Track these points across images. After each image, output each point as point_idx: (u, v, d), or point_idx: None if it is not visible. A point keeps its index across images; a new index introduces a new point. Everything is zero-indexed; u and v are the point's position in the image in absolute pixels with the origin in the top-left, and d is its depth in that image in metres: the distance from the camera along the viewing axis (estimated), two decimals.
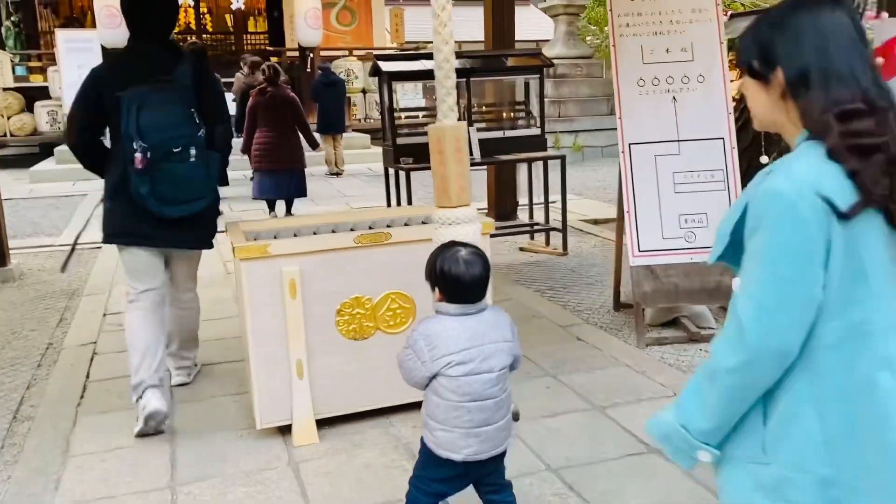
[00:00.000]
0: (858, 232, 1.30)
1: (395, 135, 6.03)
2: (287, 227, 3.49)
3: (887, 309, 1.35)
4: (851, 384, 1.34)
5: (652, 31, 4.38)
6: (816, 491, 1.35)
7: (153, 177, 3.04)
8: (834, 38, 1.35)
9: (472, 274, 2.12)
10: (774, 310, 1.30)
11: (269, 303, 3.04)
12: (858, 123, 1.30)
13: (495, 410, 2.15)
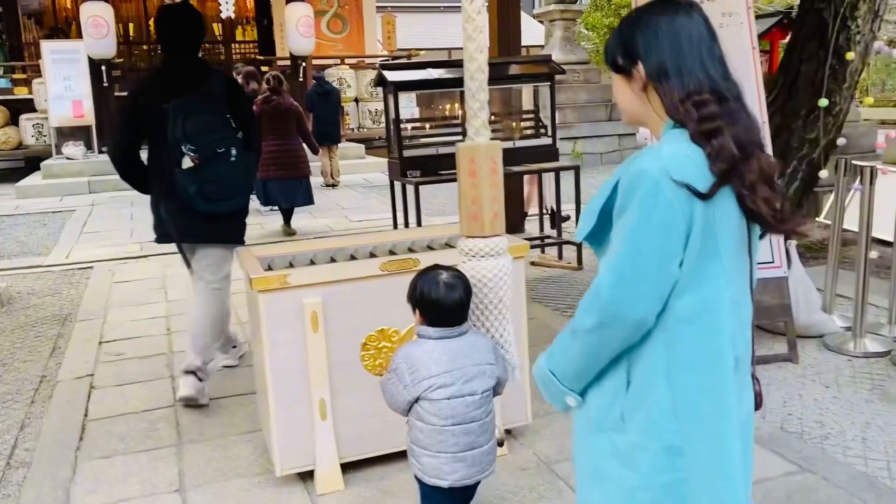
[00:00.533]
0: (717, 213, 1.41)
1: (402, 147, 5.77)
2: (302, 251, 3.22)
3: (734, 287, 1.47)
4: (700, 357, 1.45)
5: None
6: (663, 457, 1.46)
7: (200, 176, 3.36)
8: (687, 37, 1.48)
9: (452, 298, 2.15)
10: (630, 281, 1.41)
11: (288, 337, 2.77)
12: (708, 110, 1.43)
13: (479, 434, 2.16)
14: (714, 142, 1.42)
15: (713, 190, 1.40)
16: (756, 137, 1.47)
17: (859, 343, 4.10)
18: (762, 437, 3.12)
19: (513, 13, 6.94)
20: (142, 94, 3.61)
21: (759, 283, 3.91)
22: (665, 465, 1.47)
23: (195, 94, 3.40)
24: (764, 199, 1.43)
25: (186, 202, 3.41)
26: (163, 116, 3.33)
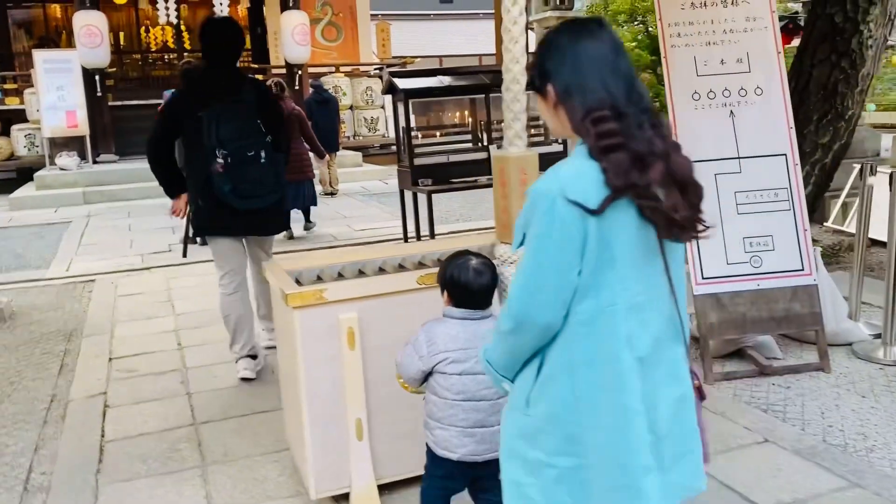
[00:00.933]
0: (611, 224, 1.51)
1: (413, 155, 5.68)
2: (329, 265, 3.12)
3: (631, 292, 1.57)
4: (598, 356, 1.57)
5: (705, 42, 4.09)
6: (564, 444, 1.61)
7: (233, 177, 3.69)
8: (589, 58, 1.58)
9: (480, 283, 2.24)
10: (534, 291, 1.56)
11: (324, 355, 2.66)
12: (604, 127, 1.52)
13: (490, 413, 2.20)
14: (610, 157, 1.51)
15: (604, 205, 1.49)
16: (659, 147, 1.54)
17: (889, 351, 4.04)
18: (805, 450, 3.05)
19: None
20: (180, 100, 3.99)
21: (789, 290, 3.88)
22: (566, 450, 1.62)
23: (228, 102, 3.73)
24: (654, 208, 1.52)
25: (223, 200, 3.72)
26: (199, 122, 3.66)
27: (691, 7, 4.10)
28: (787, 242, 3.95)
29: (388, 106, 15.63)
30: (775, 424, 3.32)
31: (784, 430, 3.26)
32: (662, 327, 1.64)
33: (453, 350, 2.21)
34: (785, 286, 3.93)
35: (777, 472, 2.90)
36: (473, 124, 6.06)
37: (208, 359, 4.51)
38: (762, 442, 3.15)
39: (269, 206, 3.87)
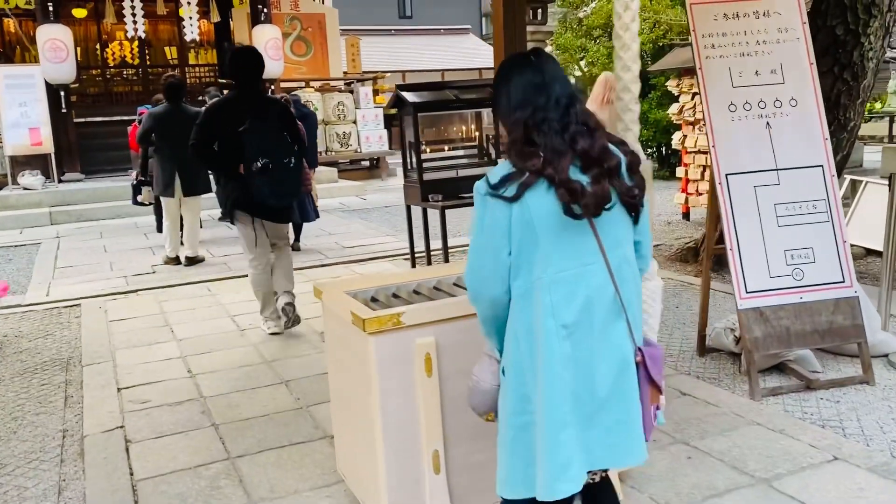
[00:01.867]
0: (532, 210, 1.83)
1: (423, 170, 5.54)
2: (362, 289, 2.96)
3: (554, 268, 1.85)
4: (531, 324, 1.87)
5: (739, 53, 4.05)
6: (519, 403, 1.92)
7: (272, 180, 4.59)
8: (515, 84, 1.93)
9: None
10: (475, 269, 1.94)
11: (400, 384, 2.49)
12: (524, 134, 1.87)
13: None
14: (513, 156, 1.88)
15: (519, 192, 1.83)
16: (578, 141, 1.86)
17: None
18: (879, 468, 2.98)
19: (519, 32, 6.79)
20: (219, 111, 4.79)
21: (831, 303, 3.84)
22: (520, 408, 1.92)
23: (265, 120, 4.62)
24: (565, 190, 1.81)
25: (259, 197, 4.65)
26: (237, 134, 4.51)
27: (724, 18, 4.07)
28: (827, 254, 3.92)
29: (360, 121, 15.46)
30: (840, 441, 3.25)
31: (850, 446, 3.19)
32: (594, 299, 1.87)
33: None
34: (827, 298, 3.89)
35: (860, 493, 2.81)
36: (479, 138, 5.95)
37: (224, 387, 4.28)
38: (832, 460, 3.07)
39: (293, 203, 5.14)
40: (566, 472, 1.85)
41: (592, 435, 1.87)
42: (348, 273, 7.20)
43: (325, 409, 3.88)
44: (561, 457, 1.84)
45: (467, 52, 31.52)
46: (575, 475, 1.86)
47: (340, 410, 2.93)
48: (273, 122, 4.66)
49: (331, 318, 2.83)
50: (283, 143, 4.65)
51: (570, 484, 1.85)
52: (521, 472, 1.92)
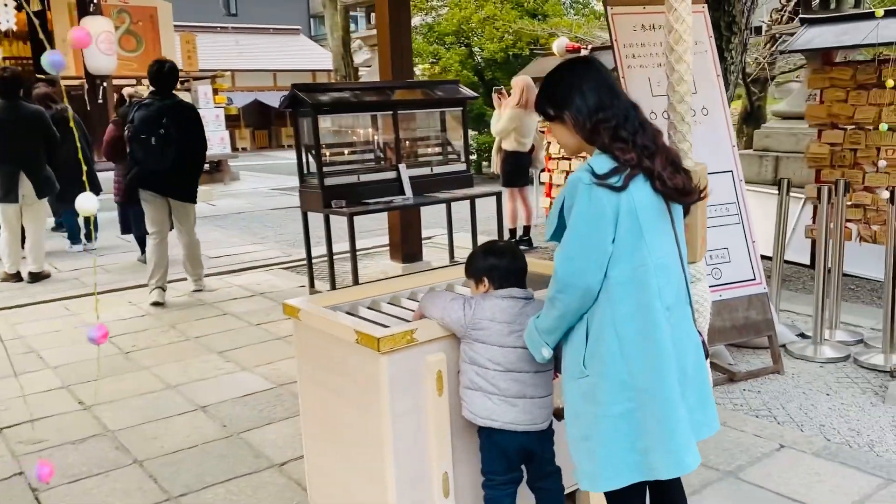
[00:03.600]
0: (636, 199, 1.91)
1: (324, 175, 5.29)
2: (346, 301, 2.78)
3: (656, 254, 1.95)
4: (636, 309, 1.92)
5: (656, 63, 4.23)
6: (617, 391, 1.93)
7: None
8: (591, 84, 2.01)
9: (519, 264, 2.39)
10: (575, 258, 1.93)
11: (411, 404, 2.32)
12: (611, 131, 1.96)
13: (531, 384, 2.26)
14: (617, 150, 1.94)
15: (626, 182, 1.90)
16: (656, 139, 2.01)
17: (819, 350, 4.43)
18: (824, 453, 3.20)
19: (404, 39, 6.72)
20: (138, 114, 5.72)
21: (745, 299, 4.11)
22: (618, 396, 1.93)
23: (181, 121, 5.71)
24: (666, 182, 1.95)
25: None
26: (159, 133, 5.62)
27: (642, 29, 4.24)
28: (740, 254, 4.19)
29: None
30: (779, 429, 3.47)
31: (790, 434, 3.42)
32: (679, 285, 2.03)
33: (499, 322, 2.24)
34: (742, 295, 4.16)
35: (818, 478, 3.01)
36: (379, 142, 5.79)
37: (131, 418, 3.83)
38: (780, 448, 3.27)
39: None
40: (690, 446, 1.95)
41: (692, 415, 1.99)
42: (224, 285, 6.74)
43: (260, 435, 3.59)
44: (683, 432, 1.94)
45: (299, 53, 30.85)
46: (695, 449, 1.97)
47: (323, 438, 2.69)
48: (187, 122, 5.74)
49: (315, 337, 2.59)
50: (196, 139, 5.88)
51: (695, 457, 1.96)
52: (621, 459, 1.95)
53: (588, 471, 2.01)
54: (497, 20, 12.70)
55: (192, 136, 5.77)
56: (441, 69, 13.28)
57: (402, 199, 5.53)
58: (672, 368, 1.94)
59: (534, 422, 2.27)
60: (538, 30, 12.04)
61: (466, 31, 13.51)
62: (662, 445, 1.93)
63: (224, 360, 4.68)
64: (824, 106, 6.45)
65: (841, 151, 6.39)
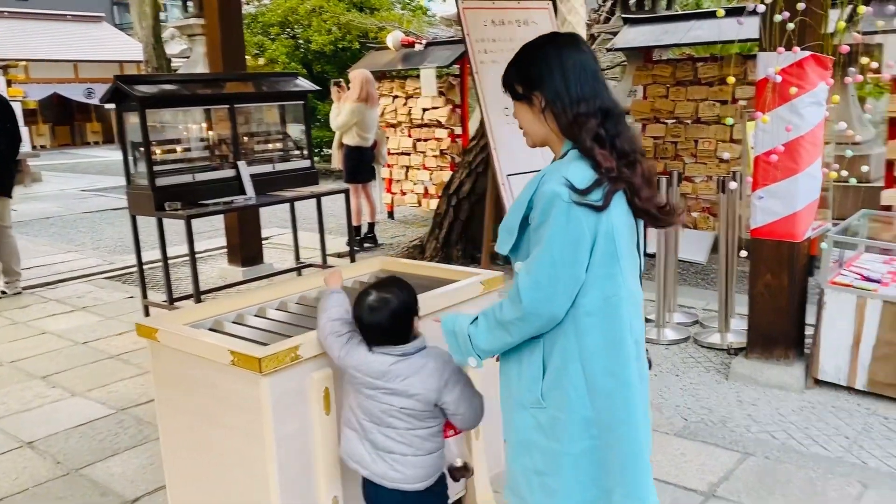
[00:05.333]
0: (614, 220, 1.69)
1: (154, 174, 4.85)
2: (210, 317, 2.53)
3: (629, 282, 1.75)
4: (605, 343, 1.72)
5: (507, 59, 4.24)
6: (580, 428, 1.74)
7: None
8: (573, 65, 1.73)
9: (373, 320, 2.03)
10: (546, 286, 1.66)
11: (296, 426, 2.13)
12: (593, 128, 1.69)
13: (399, 442, 2.03)
14: (602, 152, 1.68)
15: (607, 200, 1.67)
16: (637, 146, 1.76)
17: (662, 333, 4.68)
18: (685, 433, 3.37)
19: (236, 29, 6.33)
20: None
21: None
22: (581, 434, 1.75)
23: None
24: (647, 198, 1.74)
25: None
26: None
27: (493, 24, 4.24)
28: None
29: None
30: None
31: (652, 417, 3.55)
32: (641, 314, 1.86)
33: (365, 375, 2.02)
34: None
35: (684, 458, 3.15)
36: (216, 139, 5.38)
37: None
38: None
39: None
40: (651, 487, 1.83)
41: None
42: (37, 300, 6.03)
43: (104, 469, 3.22)
44: (647, 473, 1.81)
45: (103, 42, 28.51)
46: (654, 487, 1.85)
47: (191, 468, 2.41)
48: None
49: (178, 360, 2.30)
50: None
51: (655, 497, 1.84)
52: (581, 495, 1.79)
53: (538, 501, 1.83)
54: (325, 12, 12.38)
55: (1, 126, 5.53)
56: (267, 61, 12.76)
57: (244, 198, 5.20)
58: (640, 407, 1.79)
59: (407, 481, 2.05)
60: (367, 23, 11.91)
61: (293, 23, 13.07)
62: (623, 489, 1.78)
63: (49, 386, 4.15)
64: (647, 101, 6.85)
65: (663, 144, 6.83)
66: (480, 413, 2.12)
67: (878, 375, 3.69)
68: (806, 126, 3.60)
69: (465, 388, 2.06)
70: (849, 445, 3.24)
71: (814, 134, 3.65)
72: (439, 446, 2.11)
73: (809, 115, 3.59)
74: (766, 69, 3.53)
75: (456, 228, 6.39)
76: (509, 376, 1.86)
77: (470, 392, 2.08)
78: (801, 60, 3.49)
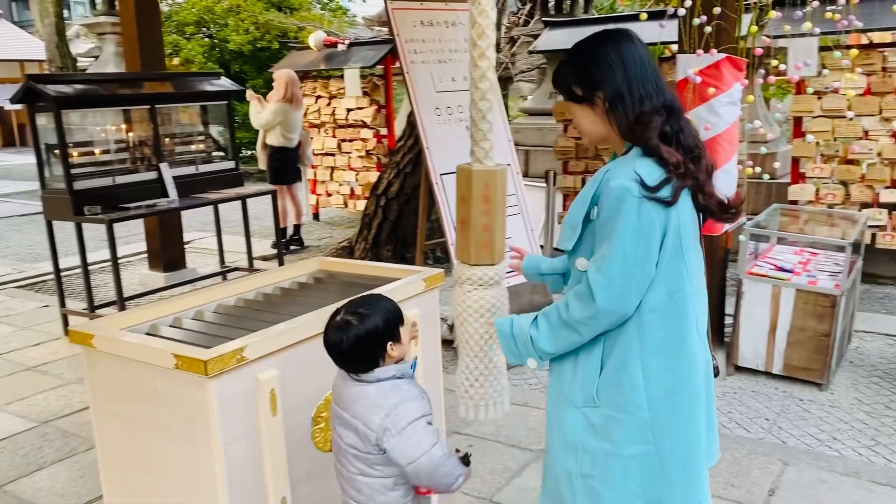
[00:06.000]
0: (681, 216, 1.68)
1: (72, 178, 4.67)
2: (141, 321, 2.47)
3: (694, 278, 1.74)
4: (668, 340, 1.70)
5: (437, 59, 4.29)
6: (635, 430, 1.69)
7: None
8: (634, 62, 1.71)
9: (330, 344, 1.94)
10: (619, 283, 1.64)
11: (243, 429, 2.10)
12: (657, 125, 1.68)
13: (348, 485, 1.94)
14: (669, 149, 1.67)
15: (676, 195, 1.65)
16: (700, 141, 1.76)
17: None
18: None
19: (154, 27, 6.13)
20: None
21: (528, 285, 4.34)
22: (635, 437, 1.70)
23: None
24: (711, 193, 1.74)
25: None
26: None
27: (422, 25, 4.27)
28: (522, 243, 4.40)
29: None
30: None
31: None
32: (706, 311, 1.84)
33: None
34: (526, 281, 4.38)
35: None
36: (133, 140, 5.20)
37: None
38: None
39: None
40: (708, 492, 1.82)
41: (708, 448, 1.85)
42: None
43: (30, 484, 3.09)
44: (705, 478, 1.79)
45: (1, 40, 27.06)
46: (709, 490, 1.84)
47: (131, 477, 2.34)
48: None
49: (116, 366, 2.24)
50: None
51: (710, 500, 1.81)
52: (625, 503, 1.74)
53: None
54: (243, 11, 12.13)
55: None
56: (182, 61, 12.40)
57: (168, 201, 5.05)
58: (702, 407, 1.75)
59: None
60: (287, 23, 11.74)
61: (209, 22, 12.75)
62: (682, 493, 1.73)
63: None
64: None
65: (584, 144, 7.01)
66: (443, 481, 1.82)
67: (792, 360, 3.91)
68: (723, 125, 3.78)
69: (420, 443, 1.78)
70: (769, 427, 3.43)
71: (730, 132, 3.84)
72: (396, 502, 1.87)
73: (726, 114, 3.77)
74: (686, 70, 3.69)
75: (385, 229, 6.39)
76: (562, 375, 1.81)
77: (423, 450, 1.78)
78: (718, 62, 3.66)
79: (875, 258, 5.73)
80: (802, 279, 3.96)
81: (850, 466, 3.05)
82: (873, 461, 3.12)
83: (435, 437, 1.81)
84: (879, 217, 5.46)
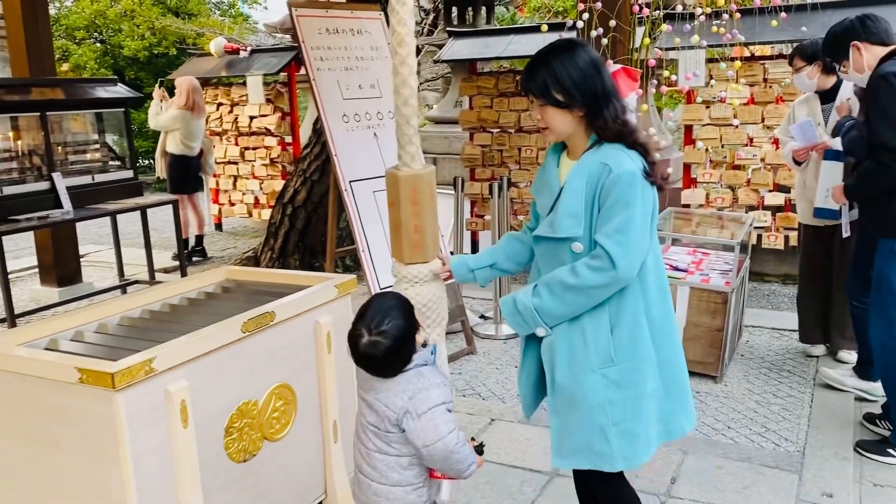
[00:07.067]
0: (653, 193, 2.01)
1: None
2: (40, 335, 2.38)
3: (656, 248, 2.09)
4: (659, 292, 2.07)
5: (343, 67, 4.30)
6: (649, 371, 2.02)
7: None
8: (605, 72, 2.00)
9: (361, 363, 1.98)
10: (634, 252, 1.94)
11: (153, 443, 2.04)
12: (633, 124, 2.02)
13: (365, 463, 2.00)
14: (642, 147, 2.00)
15: (666, 181, 2.07)
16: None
17: (500, 328, 4.92)
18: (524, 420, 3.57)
19: (43, 31, 5.87)
20: None
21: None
22: (650, 374, 2.03)
23: None
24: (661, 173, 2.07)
25: None
26: None
27: (327, 32, 4.27)
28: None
29: None
30: (486, 405, 3.79)
31: (497, 408, 3.75)
32: None
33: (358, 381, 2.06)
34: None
35: (529, 443, 3.35)
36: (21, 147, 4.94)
37: None
38: (492, 422, 3.57)
39: None
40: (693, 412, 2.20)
41: None
42: None
43: None
44: (691, 400, 2.18)
45: None
46: None
47: (31, 500, 2.23)
48: None
49: (12, 383, 2.13)
50: None
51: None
52: (651, 430, 2.05)
53: (625, 451, 2.01)
54: (137, 16, 11.71)
55: None
56: (73, 67, 11.84)
57: (62, 212, 4.83)
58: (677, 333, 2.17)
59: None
60: (185, 28, 11.40)
61: (101, 26, 12.23)
62: (682, 403, 2.12)
63: None
64: (474, 111, 7.14)
65: (490, 152, 7.15)
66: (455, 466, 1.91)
67: (688, 354, 4.06)
68: None
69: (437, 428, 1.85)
70: None
71: None
72: (408, 481, 1.95)
73: None
74: None
75: (292, 237, 6.31)
76: (574, 346, 2.01)
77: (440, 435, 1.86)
78: (614, 73, 3.83)
79: (761, 257, 6.12)
80: (696, 278, 4.18)
81: (743, 452, 3.24)
82: (763, 446, 3.33)
83: (452, 425, 1.90)
84: (764, 219, 5.83)
